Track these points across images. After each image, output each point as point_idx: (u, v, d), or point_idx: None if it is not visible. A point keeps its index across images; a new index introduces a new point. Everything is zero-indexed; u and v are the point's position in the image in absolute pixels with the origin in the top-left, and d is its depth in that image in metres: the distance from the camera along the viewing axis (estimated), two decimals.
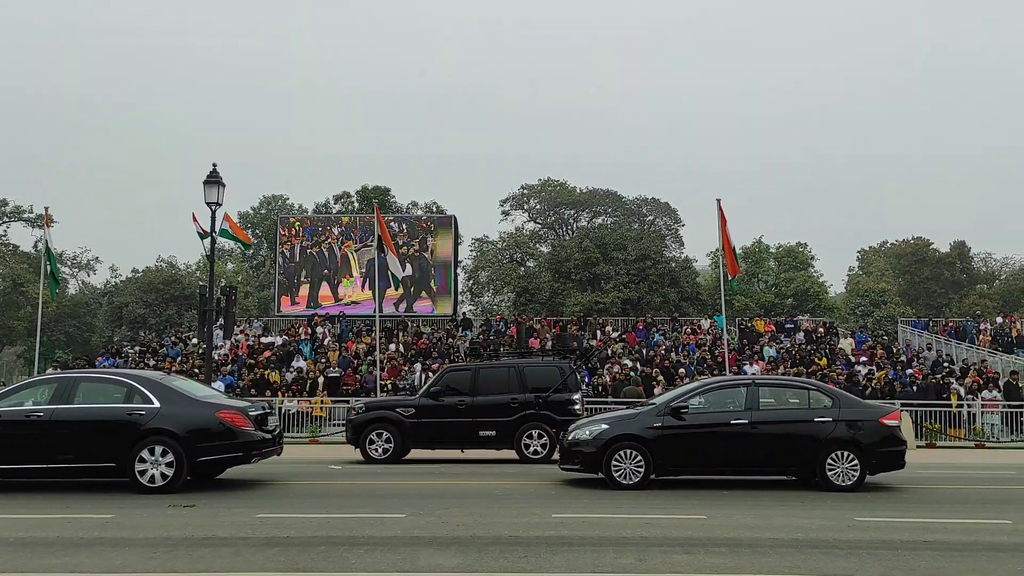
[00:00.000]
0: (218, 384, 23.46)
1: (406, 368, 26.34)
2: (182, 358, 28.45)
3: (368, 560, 7.07)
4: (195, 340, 29.70)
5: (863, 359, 27.81)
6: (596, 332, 31.05)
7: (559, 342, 26.62)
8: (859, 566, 6.97)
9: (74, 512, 9.46)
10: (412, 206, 52.79)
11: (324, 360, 26.67)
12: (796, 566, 6.94)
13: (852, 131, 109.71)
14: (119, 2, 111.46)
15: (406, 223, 36.52)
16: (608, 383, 24.17)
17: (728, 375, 22.53)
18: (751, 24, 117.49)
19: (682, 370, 24.96)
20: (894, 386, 23.90)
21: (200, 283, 34.95)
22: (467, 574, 6.64)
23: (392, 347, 28.13)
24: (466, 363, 19.36)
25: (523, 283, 44.84)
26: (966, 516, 9.60)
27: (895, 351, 29.60)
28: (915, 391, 23.59)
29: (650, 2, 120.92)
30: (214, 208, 20.56)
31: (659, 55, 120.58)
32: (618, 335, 30.71)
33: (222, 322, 22.21)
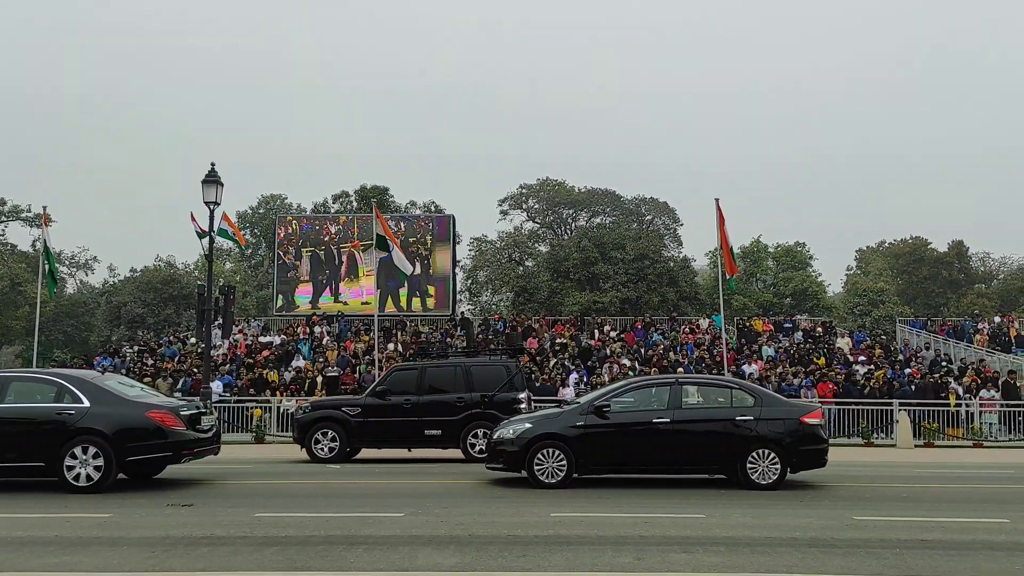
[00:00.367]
0: (216, 384, 23.50)
1: None
2: (180, 357, 28.46)
3: (367, 559, 7.07)
4: (193, 339, 29.71)
5: (861, 358, 27.81)
6: (595, 331, 31.08)
7: (507, 342, 26.65)
8: (857, 565, 6.97)
9: (72, 511, 9.46)
10: (411, 205, 52.79)
11: (323, 359, 26.69)
12: (794, 565, 6.94)
13: (852, 131, 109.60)
14: (119, 2, 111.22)
15: (404, 222, 36.52)
16: (607, 382, 24.15)
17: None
18: (751, 24, 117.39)
19: (680, 369, 24.96)
20: (892, 385, 23.92)
21: (199, 283, 35.00)
22: (466, 573, 6.64)
23: (391, 346, 28.14)
24: (412, 362, 19.33)
25: (521, 283, 44.83)
26: (964, 515, 9.62)
27: (893, 350, 29.65)
28: (913, 390, 23.61)
29: (650, 2, 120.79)
30: (212, 207, 20.61)
31: (659, 55, 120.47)
32: (617, 335, 30.74)
33: (221, 321, 22.23)
